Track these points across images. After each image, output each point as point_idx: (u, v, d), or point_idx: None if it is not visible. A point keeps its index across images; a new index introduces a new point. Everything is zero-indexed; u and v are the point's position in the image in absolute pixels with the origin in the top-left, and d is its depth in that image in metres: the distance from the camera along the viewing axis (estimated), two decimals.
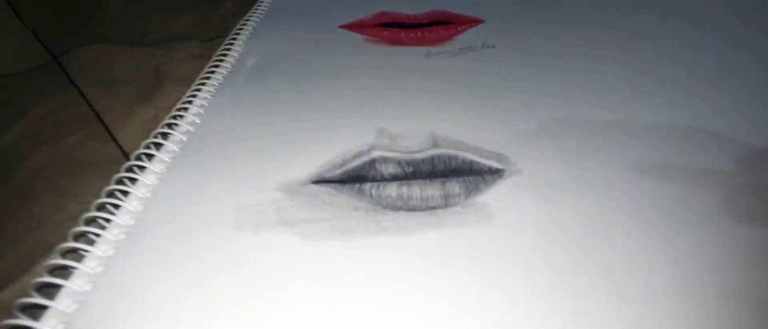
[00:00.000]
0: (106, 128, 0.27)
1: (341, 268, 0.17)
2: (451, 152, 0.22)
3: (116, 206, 0.19)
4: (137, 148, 0.24)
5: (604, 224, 0.18)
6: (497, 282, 0.17)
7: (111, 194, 0.20)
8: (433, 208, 0.20)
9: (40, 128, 0.27)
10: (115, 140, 0.26)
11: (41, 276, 0.17)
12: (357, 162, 0.22)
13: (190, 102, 0.25)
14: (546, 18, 0.34)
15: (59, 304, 0.15)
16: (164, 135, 0.23)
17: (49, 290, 0.17)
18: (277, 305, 0.16)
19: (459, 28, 0.33)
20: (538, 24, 0.33)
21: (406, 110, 0.25)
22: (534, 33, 0.32)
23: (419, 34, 0.33)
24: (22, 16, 0.41)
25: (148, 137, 0.24)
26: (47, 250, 0.19)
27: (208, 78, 0.27)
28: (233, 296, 0.16)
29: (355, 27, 0.34)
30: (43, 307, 0.15)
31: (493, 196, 0.20)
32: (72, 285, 0.16)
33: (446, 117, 0.24)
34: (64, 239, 0.19)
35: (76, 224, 0.20)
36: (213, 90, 0.26)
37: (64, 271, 0.17)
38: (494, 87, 0.27)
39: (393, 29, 0.33)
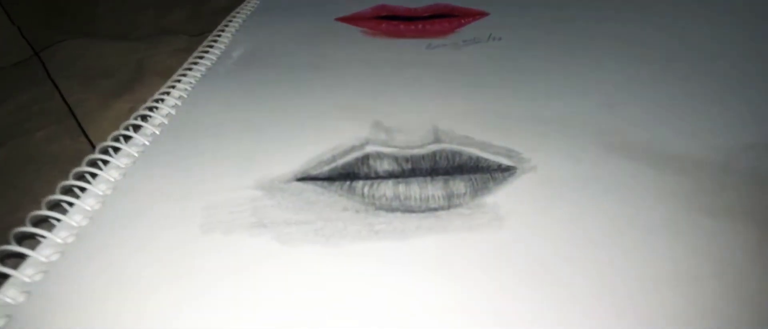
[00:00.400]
0: (78, 122, 0.24)
1: (325, 276, 0.15)
2: (455, 147, 0.19)
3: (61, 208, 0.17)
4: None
5: (629, 227, 0.16)
6: (508, 292, 0.14)
7: (68, 191, 0.18)
8: (435, 209, 0.17)
9: (8, 123, 0.25)
10: (85, 134, 0.24)
11: None
12: (348, 158, 0.19)
13: (167, 93, 0.23)
14: (556, 11, 0.32)
15: None
16: (136, 127, 0.21)
17: None
18: (245, 316, 0.13)
19: (462, 21, 0.31)
20: (547, 16, 0.31)
21: (405, 103, 0.23)
22: (543, 25, 0.30)
23: (420, 26, 0.31)
24: (9, 11, 0.39)
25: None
26: None
27: (190, 69, 0.25)
28: (193, 306, 0.14)
29: (351, 19, 0.32)
30: None
31: (503, 196, 0.17)
32: (4, 297, 0.13)
33: (449, 110, 0.22)
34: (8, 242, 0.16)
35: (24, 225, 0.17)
36: (194, 81, 0.24)
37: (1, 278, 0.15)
38: (502, 80, 0.24)
39: (392, 22, 0.31)
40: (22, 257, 0.15)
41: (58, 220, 0.16)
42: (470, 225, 0.16)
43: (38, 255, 0.15)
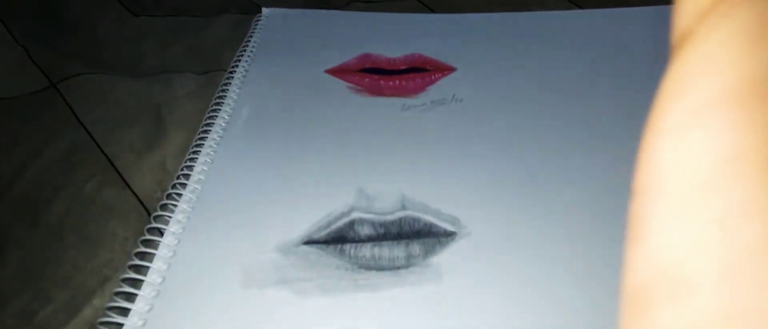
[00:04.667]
0: (120, 175, 0.30)
1: (325, 322, 0.23)
2: (415, 214, 0.27)
3: (137, 268, 0.24)
4: (150, 196, 0.29)
5: (543, 281, 0.24)
6: None
7: (140, 256, 0.25)
8: (398, 268, 0.25)
9: (56, 171, 0.31)
10: (129, 187, 0.30)
11: None
12: (339, 223, 0.27)
13: (193, 160, 0.30)
14: (517, 67, 0.38)
15: None
16: (177, 195, 0.28)
17: None
18: None
19: (433, 78, 0.38)
20: (509, 74, 0.37)
21: (381, 171, 0.30)
22: (503, 85, 0.36)
23: (397, 82, 0.37)
24: (12, 31, 0.42)
25: (159, 187, 0.29)
26: (90, 295, 0.24)
27: (207, 131, 0.32)
28: None
29: (338, 72, 0.38)
30: None
31: (445, 257, 0.26)
32: None
33: (414, 177, 0.30)
34: (101, 289, 0.24)
35: (110, 270, 0.25)
36: (214, 145, 0.31)
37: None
38: (455, 146, 0.32)
39: (374, 77, 0.38)
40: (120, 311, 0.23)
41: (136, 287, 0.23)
42: (420, 281, 0.25)
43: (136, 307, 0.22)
